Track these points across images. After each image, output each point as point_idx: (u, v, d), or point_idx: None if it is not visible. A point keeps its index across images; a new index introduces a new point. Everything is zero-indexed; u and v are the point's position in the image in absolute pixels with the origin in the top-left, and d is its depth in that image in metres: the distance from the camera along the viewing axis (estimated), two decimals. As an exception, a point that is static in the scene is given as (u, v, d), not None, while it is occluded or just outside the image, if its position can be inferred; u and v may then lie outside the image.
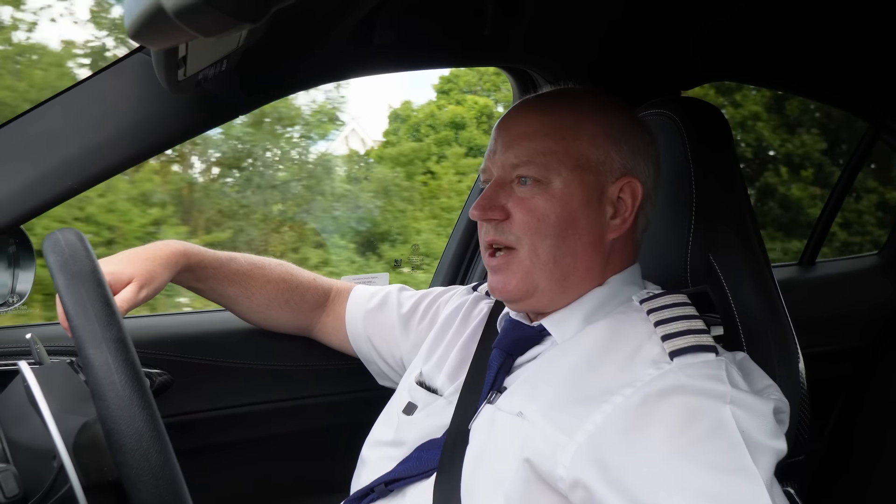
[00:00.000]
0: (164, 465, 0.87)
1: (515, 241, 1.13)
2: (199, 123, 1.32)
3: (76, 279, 0.92)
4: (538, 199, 1.12)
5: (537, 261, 1.12)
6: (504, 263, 1.15)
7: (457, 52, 1.62)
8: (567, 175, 1.11)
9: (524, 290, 1.14)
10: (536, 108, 1.18)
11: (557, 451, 0.97)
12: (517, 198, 1.13)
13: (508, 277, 1.14)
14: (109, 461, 0.91)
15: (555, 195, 1.11)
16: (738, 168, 1.34)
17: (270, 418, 1.65)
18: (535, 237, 1.12)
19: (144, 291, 1.30)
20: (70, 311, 0.91)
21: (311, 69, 1.41)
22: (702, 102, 1.37)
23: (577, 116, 1.15)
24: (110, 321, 0.90)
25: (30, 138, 1.22)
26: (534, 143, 1.12)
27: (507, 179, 1.14)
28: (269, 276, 1.52)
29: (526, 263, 1.13)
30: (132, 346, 0.91)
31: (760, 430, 0.93)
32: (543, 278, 1.13)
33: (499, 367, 1.16)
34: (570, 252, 1.13)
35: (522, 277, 1.13)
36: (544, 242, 1.12)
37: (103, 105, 1.24)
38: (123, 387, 0.87)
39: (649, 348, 1.03)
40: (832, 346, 2.42)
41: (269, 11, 0.60)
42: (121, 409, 0.86)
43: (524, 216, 1.12)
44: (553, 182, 1.11)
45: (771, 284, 1.28)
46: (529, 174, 1.12)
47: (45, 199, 1.22)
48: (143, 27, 0.69)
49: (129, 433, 0.86)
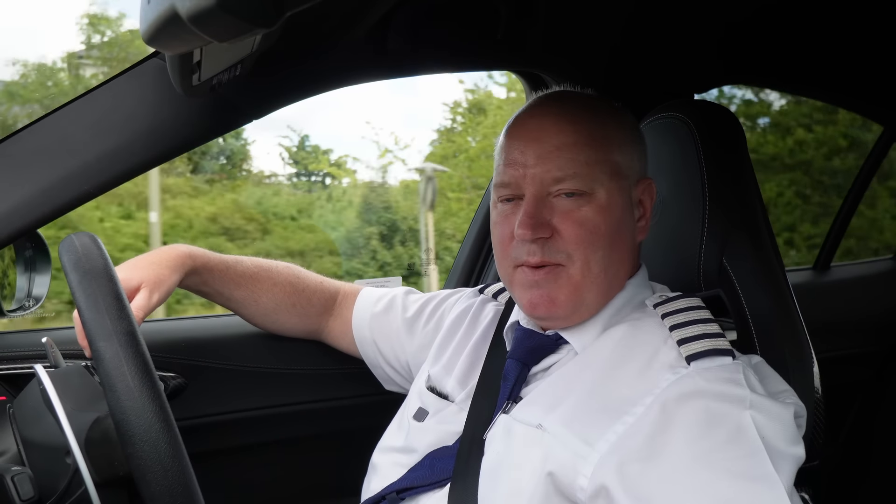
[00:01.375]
0: (174, 456, 0.88)
1: (566, 258, 1.09)
2: (213, 128, 1.33)
3: (88, 276, 0.94)
4: (587, 211, 1.08)
5: (589, 274, 1.09)
6: (551, 277, 1.09)
7: (469, 56, 1.62)
8: (608, 184, 1.10)
9: (573, 305, 1.10)
10: (565, 116, 1.12)
11: (579, 462, 0.96)
12: (562, 212, 1.09)
13: (556, 292, 1.09)
14: (120, 455, 0.92)
15: (602, 206, 1.09)
16: (752, 171, 1.33)
17: (282, 422, 1.65)
18: (588, 250, 1.08)
19: (156, 296, 1.31)
20: (82, 307, 0.92)
21: (325, 74, 1.42)
22: (715, 105, 1.37)
23: (603, 123, 1.13)
24: (120, 315, 0.92)
25: (47, 144, 1.23)
26: (576, 154, 1.09)
27: (545, 193, 1.10)
28: (275, 279, 1.52)
29: (576, 278, 1.09)
30: (142, 340, 0.92)
31: (780, 436, 0.93)
32: (592, 292, 1.10)
33: (515, 377, 1.14)
34: (617, 261, 1.12)
35: (572, 292, 1.09)
36: (597, 255, 1.09)
37: (119, 110, 1.25)
38: (133, 378, 0.88)
39: (665, 353, 1.02)
40: (847, 351, 2.40)
41: (283, 16, 0.61)
42: (131, 400, 0.87)
43: (576, 230, 1.08)
44: (597, 192, 1.09)
45: (785, 288, 1.27)
46: (575, 187, 1.08)
47: (63, 203, 1.23)
48: (158, 32, 0.70)
49: (139, 424, 0.87)
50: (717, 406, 0.93)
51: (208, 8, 0.58)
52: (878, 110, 2.31)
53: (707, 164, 1.27)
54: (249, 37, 0.64)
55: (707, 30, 1.72)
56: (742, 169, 1.32)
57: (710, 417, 0.92)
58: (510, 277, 1.14)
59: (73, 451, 0.94)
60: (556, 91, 1.23)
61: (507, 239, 1.13)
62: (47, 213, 1.22)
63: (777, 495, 0.86)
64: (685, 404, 0.94)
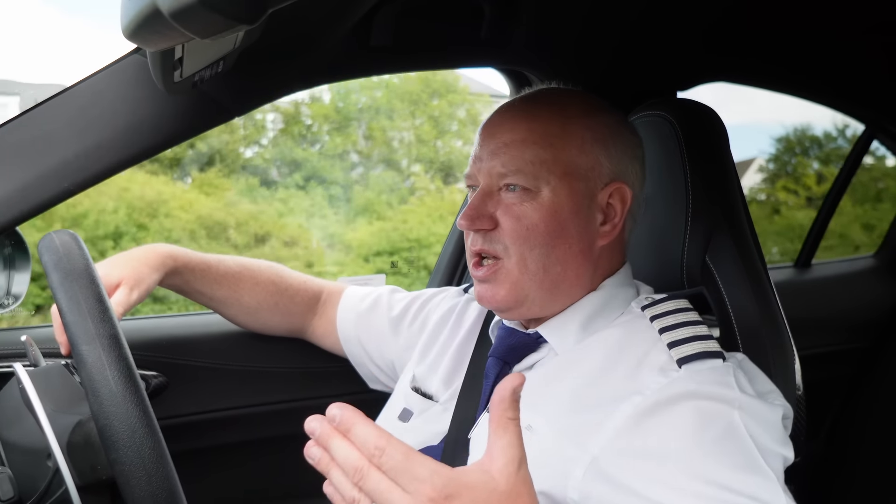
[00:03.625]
0: (158, 461, 0.87)
1: (503, 250, 1.10)
2: (195, 125, 1.32)
3: (70, 277, 0.93)
4: (526, 208, 1.09)
5: (526, 270, 1.10)
6: (491, 273, 1.11)
7: (453, 53, 1.61)
8: (556, 183, 1.09)
9: (513, 299, 1.11)
10: (523, 112, 1.14)
11: (569, 463, 0.97)
12: (505, 206, 1.10)
13: (496, 288, 1.11)
14: (103, 459, 0.91)
15: (544, 204, 1.09)
16: (734, 169, 1.34)
17: (265, 421, 1.64)
18: (523, 246, 1.09)
19: (135, 293, 1.31)
20: (63, 308, 0.91)
21: (308, 70, 1.41)
22: (698, 104, 1.37)
23: (565, 122, 1.12)
24: (103, 318, 0.91)
25: (26, 140, 1.22)
26: (522, 151, 1.09)
27: (494, 187, 1.11)
28: (258, 278, 1.51)
29: (514, 273, 1.10)
30: (125, 343, 0.91)
31: (769, 436, 0.94)
32: (533, 287, 1.11)
33: (496, 376, 1.15)
34: (560, 261, 1.10)
35: (511, 287, 1.11)
36: (533, 252, 1.09)
37: (99, 106, 1.24)
38: (116, 383, 0.88)
39: (655, 356, 1.02)
40: (828, 348, 2.43)
41: (266, 13, 0.60)
42: (114, 405, 0.87)
43: (513, 225, 1.09)
44: (542, 190, 1.09)
45: (767, 286, 1.28)
46: (518, 183, 1.09)
47: (42, 200, 1.21)
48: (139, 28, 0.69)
49: (123, 430, 0.86)
50: (710, 406, 0.94)
51: (190, 4, 0.57)
52: (859, 109, 2.33)
53: (690, 162, 1.27)
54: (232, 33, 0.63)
55: (690, 27, 1.72)
56: (725, 167, 1.32)
57: (703, 416, 0.93)
58: (471, 271, 1.17)
59: (56, 455, 0.94)
60: (539, 88, 1.23)
61: None
62: (26, 211, 1.21)
63: (773, 487, 0.88)
64: (677, 405, 0.94)
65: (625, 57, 1.74)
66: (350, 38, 1.39)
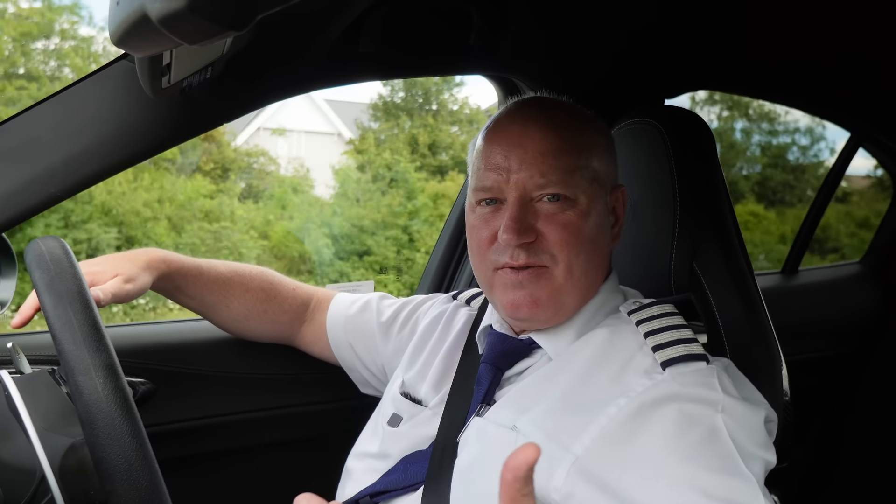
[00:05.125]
0: (154, 492, 0.87)
1: (550, 259, 1.09)
2: (182, 131, 1.32)
3: (64, 300, 0.92)
4: (570, 216, 1.09)
5: (570, 277, 1.10)
6: (533, 278, 1.09)
7: (441, 60, 1.62)
8: (588, 189, 1.11)
9: (554, 307, 1.11)
10: (548, 122, 1.13)
11: (553, 463, 0.97)
12: (546, 216, 1.09)
13: (538, 293, 1.09)
14: (96, 485, 0.90)
15: (584, 210, 1.10)
16: (722, 177, 1.35)
17: (254, 428, 1.64)
18: (571, 253, 1.09)
19: (129, 286, 1.31)
20: (58, 335, 0.90)
21: (296, 77, 1.41)
22: (686, 111, 1.38)
23: (583, 129, 1.14)
24: (99, 346, 0.90)
25: (13, 145, 1.21)
26: (558, 160, 1.09)
27: (528, 198, 1.10)
28: (248, 285, 1.51)
29: (559, 280, 1.10)
30: (121, 373, 0.91)
31: (750, 440, 0.95)
32: (572, 295, 1.11)
33: (489, 382, 1.15)
34: (596, 266, 1.13)
35: (553, 293, 1.10)
36: (580, 258, 1.10)
37: (87, 112, 1.23)
38: (113, 416, 0.87)
39: (640, 359, 1.03)
40: (815, 354, 2.44)
41: (254, 19, 0.60)
42: (111, 438, 0.86)
43: (560, 233, 1.09)
44: (580, 198, 1.10)
45: (754, 292, 1.29)
46: (559, 192, 1.09)
47: (28, 206, 1.21)
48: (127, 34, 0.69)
49: (119, 462, 0.86)
50: (693, 408, 0.95)
51: (178, 10, 0.57)
52: (844, 117, 2.34)
53: (678, 169, 1.28)
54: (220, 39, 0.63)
55: (678, 34, 1.73)
56: (712, 174, 1.33)
57: (685, 419, 0.94)
58: (490, 280, 1.14)
59: (49, 478, 0.93)
60: (535, 97, 1.24)
61: (487, 242, 1.13)
62: (12, 217, 1.20)
63: (753, 492, 0.89)
64: (661, 407, 0.95)
65: (613, 64, 1.74)
66: (338, 44, 1.39)
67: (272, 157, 12.81)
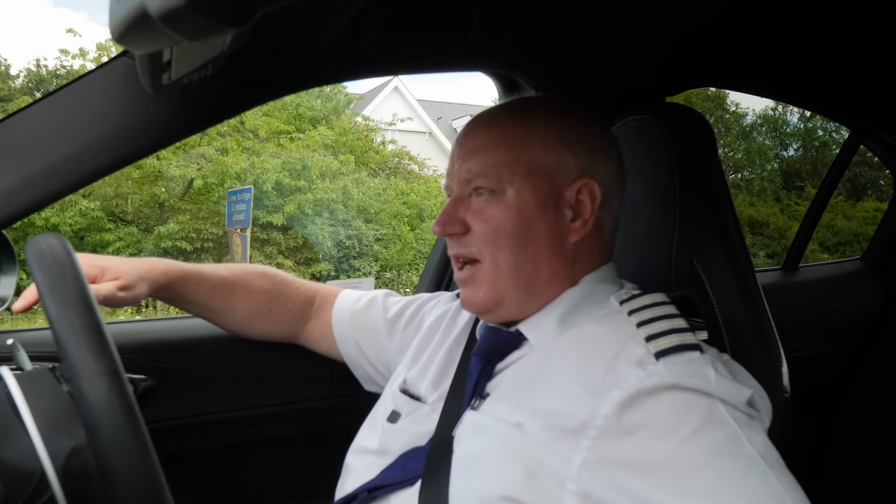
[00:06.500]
0: (157, 501, 0.87)
1: (477, 252, 1.15)
2: (183, 128, 1.32)
3: (67, 304, 0.91)
4: (493, 209, 1.13)
5: (499, 271, 1.14)
6: (470, 276, 1.17)
7: (441, 57, 1.62)
8: (519, 183, 1.13)
9: (491, 301, 1.16)
10: (487, 121, 1.20)
11: (562, 464, 0.98)
12: (474, 209, 1.15)
13: (475, 290, 1.16)
14: (99, 492, 0.90)
15: (509, 204, 1.13)
16: (722, 173, 1.35)
17: (255, 424, 1.64)
18: (493, 247, 1.14)
19: (123, 293, 1.32)
20: (61, 339, 0.90)
21: (297, 73, 1.41)
22: (686, 108, 1.38)
23: (527, 124, 1.16)
24: (103, 352, 0.90)
25: (13, 142, 1.21)
26: (484, 155, 1.15)
27: (465, 193, 1.17)
28: (251, 286, 1.52)
29: (490, 275, 1.15)
30: (126, 378, 0.90)
31: (743, 421, 0.96)
32: (508, 287, 1.14)
33: (479, 373, 1.16)
34: (531, 259, 1.14)
35: (488, 289, 1.15)
36: (503, 252, 1.13)
37: (87, 109, 1.23)
38: (118, 423, 0.87)
39: (633, 349, 1.03)
40: (815, 351, 2.44)
41: (254, 16, 0.60)
42: (115, 445, 0.86)
43: (482, 227, 1.14)
44: (506, 191, 1.13)
45: (754, 290, 1.29)
46: (483, 186, 1.14)
47: (29, 203, 1.21)
48: (127, 31, 0.69)
49: (124, 470, 0.86)
50: (689, 397, 0.96)
51: (178, 7, 0.57)
52: (845, 115, 2.34)
53: (678, 166, 1.28)
54: (220, 36, 0.64)
55: (679, 32, 1.73)
56: (712, 171, 1.33)
57: (684, 407, 0.95)
58: (455, 276, 1.22)
59: (52, 482, 0.93)
60: (512, 98, 1.29)
61: None
62: (12, 214, 1.20)
63: (760, 471, 0.90)
64: (658, 397, 0.96)
65: (613, 61, 1.74)
66: (339, 41, 1.39)
67: (413, 157, 15.19)
